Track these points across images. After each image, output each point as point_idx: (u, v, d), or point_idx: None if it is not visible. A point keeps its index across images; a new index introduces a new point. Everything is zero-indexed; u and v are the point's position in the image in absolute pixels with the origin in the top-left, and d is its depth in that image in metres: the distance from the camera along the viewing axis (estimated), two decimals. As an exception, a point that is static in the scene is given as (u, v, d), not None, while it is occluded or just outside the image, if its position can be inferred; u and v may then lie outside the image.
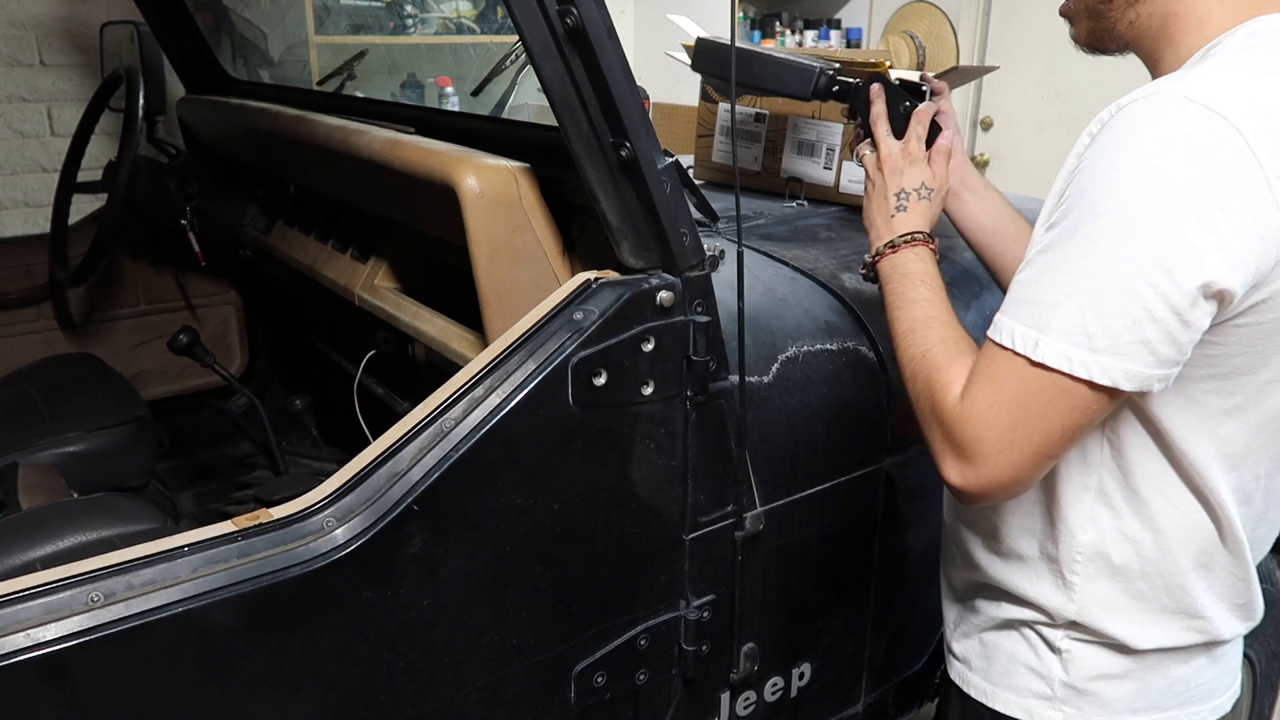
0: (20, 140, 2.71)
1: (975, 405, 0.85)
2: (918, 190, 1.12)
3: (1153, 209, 0.77)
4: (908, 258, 1.06)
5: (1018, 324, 0.83)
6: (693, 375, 1.11)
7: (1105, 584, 0.95)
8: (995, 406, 0.84)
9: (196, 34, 2.20)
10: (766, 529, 1.23)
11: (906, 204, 1.11)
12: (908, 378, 0.96)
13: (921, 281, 1.02)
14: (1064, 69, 4.14)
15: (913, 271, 1.04)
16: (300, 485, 1.07)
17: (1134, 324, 0.78)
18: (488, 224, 1.21)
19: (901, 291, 1.03)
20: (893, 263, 1.07)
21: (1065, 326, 0.80)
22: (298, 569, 0.90)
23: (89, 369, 2.11)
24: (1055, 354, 0.80)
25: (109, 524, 1.38)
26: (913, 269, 1.04)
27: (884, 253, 1.08)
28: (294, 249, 1.92)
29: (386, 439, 0.97)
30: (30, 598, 0.81)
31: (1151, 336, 0.78)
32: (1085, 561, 0.95)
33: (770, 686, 1.35)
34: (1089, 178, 0.81)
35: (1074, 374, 0.80)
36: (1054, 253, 0.82)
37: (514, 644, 1.07)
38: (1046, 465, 0.87)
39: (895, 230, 1.09)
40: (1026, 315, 0.82)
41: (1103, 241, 0.79)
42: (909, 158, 1.15)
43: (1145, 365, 0.79)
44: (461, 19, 4.12)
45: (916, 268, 1.04)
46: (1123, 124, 0.83)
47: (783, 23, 4.73)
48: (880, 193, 1.14)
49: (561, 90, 0.99)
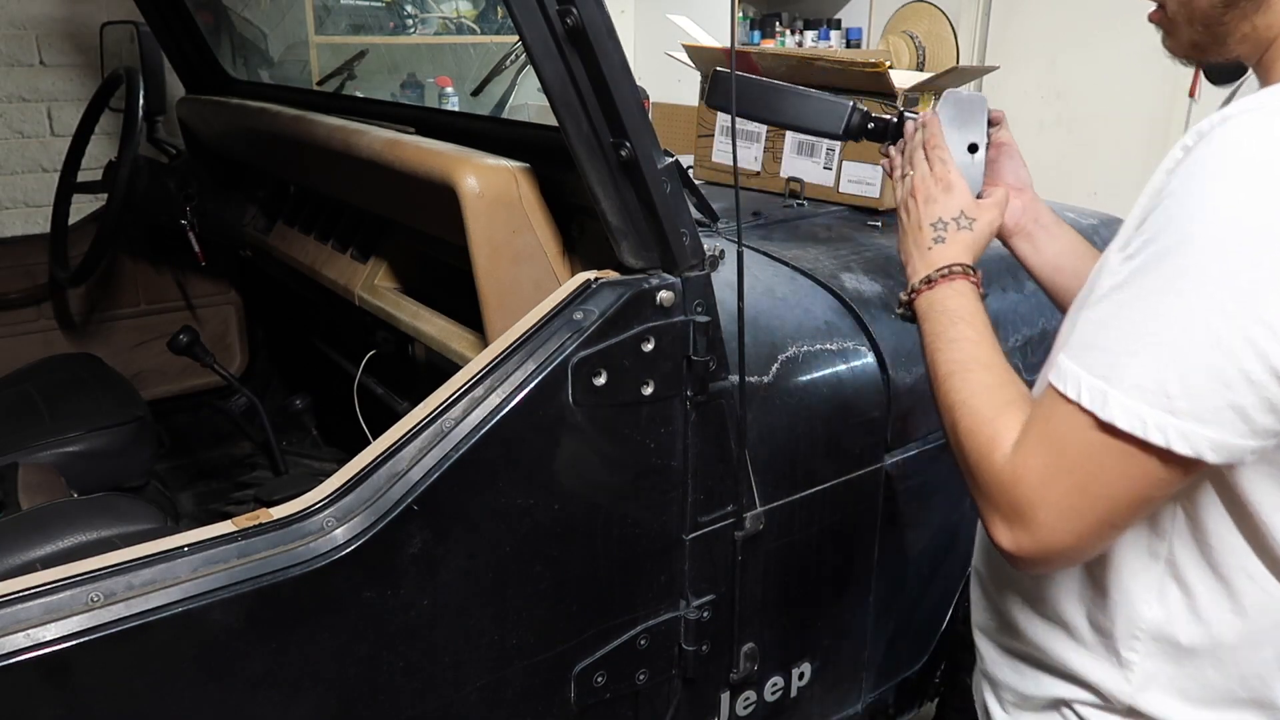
0: (20, 140, 2.71)
1: (1030, 463, 0.74)
2: (956, 219, 1.00)
3: (1254, 249, 0.65)
4: (945, 293, 0.95)
5: (1085, 372, 0.71)
6: (693, 375, 1.11)
7: (1168, 666, 0.83)
8: (1054, 467, 0.73)
9: (196, 34, 2.20)
10: (766, 529, 1.23)
11: (944, 234, 1.00)
12: (947, 426, 0.86)
13: (961, 319, 0.91)
14: (1064, 69, 4.14)
15: (951, 308, 0.93)
16: (300, 485, 1.06)
17: (1225, 386, 0.66)
18: (488, 224, 1.21)
19: (939, 331, 0.92)
20: (929, 299, 0.96)
21: (1141, 382, 0.68)
22: (298, 569, 0.90)
23: (89, 369, 2.11)
24: (1127, 414, 0.69)
25: (109, 524, 1.38)
26: (951, 305, 0.93)
27: (920, 289, 0.97)
28: (294, 249, 1.92)
29: (386, 439, 0.97)
30: (30, 598, 0.81)
31: (1245, 402, 0.66)
32: (1147, 640, 0.83)
33: (770, 686, 1.35)
34: (1178, 204, 0.69)
35: (1148, 439, 0.68)
36: (1132, 290, 0.70)
37: (514, 644, 1.07)
38: (1113, 535, 0.76)
39: (932, 264, 0.98)
40: (1096, 363, 0.71)
41: (1191, 284, 0.67)
42: (943, 183, 1.03)
43: (1236, 435, 0.67)
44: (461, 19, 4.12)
45: (955, 304, 0.93)
46: (1223, 142, 0.69)
47: (782, 23, 4.74)
48: (914, 223, 1.02)
49: (561, 90, 0.99)
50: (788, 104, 1.15)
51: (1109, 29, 3.95)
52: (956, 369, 0.88)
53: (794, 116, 1.16)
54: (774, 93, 1.15)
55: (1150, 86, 3.86)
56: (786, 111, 1.16)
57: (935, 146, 1.05)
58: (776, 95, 1.15)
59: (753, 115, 1.18)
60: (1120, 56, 3.95)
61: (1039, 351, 1.51)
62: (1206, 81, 3.79)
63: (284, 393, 2.51)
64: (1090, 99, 4.08)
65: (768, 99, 1.15)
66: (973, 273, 0.97)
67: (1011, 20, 4.31)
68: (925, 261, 0.99)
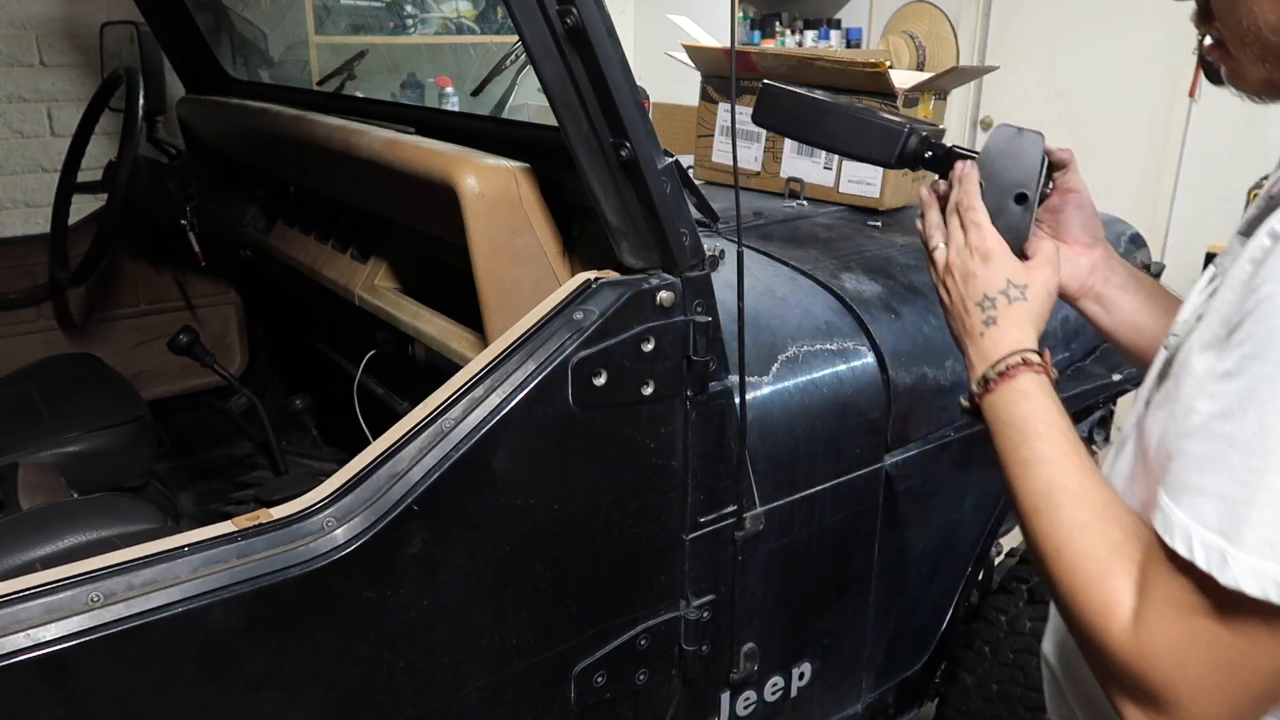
0: (20, 140, 2.71)
1: (1158, 640, 0.63)
2: (1005, 292, 0.86)
3: None
4: (1007, 398, 0.81)
5: (1196, 525, 0.61)
6: (693, 375, 1.11)
7: None
8: (1186, 642, 0.62)
9: (196, 34, 2.20)
10: (766, 529, 1.23)
11: (995, 313, 0.85)
12: (1041, 572, 0.74)
13: (1034, 432, 0.78)
14: (1064, 69, 4.14)
15: (1018, 418, 0.79)
16: (300, 485, 1.06)
17: None
18: (488, 224, 1.21)
19: (1009, 450, 0.79)
20: (992, 407, 0.82)
21: (1267, 536, 0.58)
22: (298, 569, 0.90)
23: (89, 369, 2.11)
24: (1256, 577, 0.58)
25: (109, 524, 1.38)
26: (1017, 414, 0.79)
27: (980, 394, 0.84)
28: (294, 249, 1.92)
29: (386, 439, 0.97)
30: (30, 598, 0.81)
31: None
32: None
33: (770, 686, 1.35)
34: (1277, 310, 0.59)
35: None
36: (1237, 422, 0.60)
37: (514, 644, 1.07)
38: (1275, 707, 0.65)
39: (988, 355, 0.84)
40: (1207, 513, 0.60)
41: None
42: (980, 253, 0.88)
43: None
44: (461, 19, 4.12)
45: (1021, 411, 0.79)
46: None
47: (783, 23, 4.74)
48: (958, 306, 0.89)
49: (561, 90, 0.99)
50: (838, 124, 1.03)
51: (1109, 29, 3.95)
52: (1041, 504, 0.74)
53: (843, 140, 1.04)
54: (823, 113, 1.04)
55: (1150, 86, 3.86)
56: (836, 134, 1.04)
57: (969, 208, 0.90)
58: (826, 114, 1.04)
59: (798, 136, 1.10)
60: (1120, 56, 3.95)
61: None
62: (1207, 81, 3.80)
63: (284, 393, 2.51)
64: (1090, 99, 4.08)
65: (817, 119, 1.04)
66: (1036, 357, 0.83)
67: (1011, 20, 4.31)
68: (979, 352, 0.85)
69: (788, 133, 1.10)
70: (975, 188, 0.91)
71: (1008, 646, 1.65)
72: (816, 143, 1.09)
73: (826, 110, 1.04)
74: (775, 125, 1.10)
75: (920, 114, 1.78)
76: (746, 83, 1.87)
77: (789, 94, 1.06)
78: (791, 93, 1.06)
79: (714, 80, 1.95)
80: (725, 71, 1.92)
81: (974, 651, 1.68)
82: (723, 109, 1.93)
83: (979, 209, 0.89)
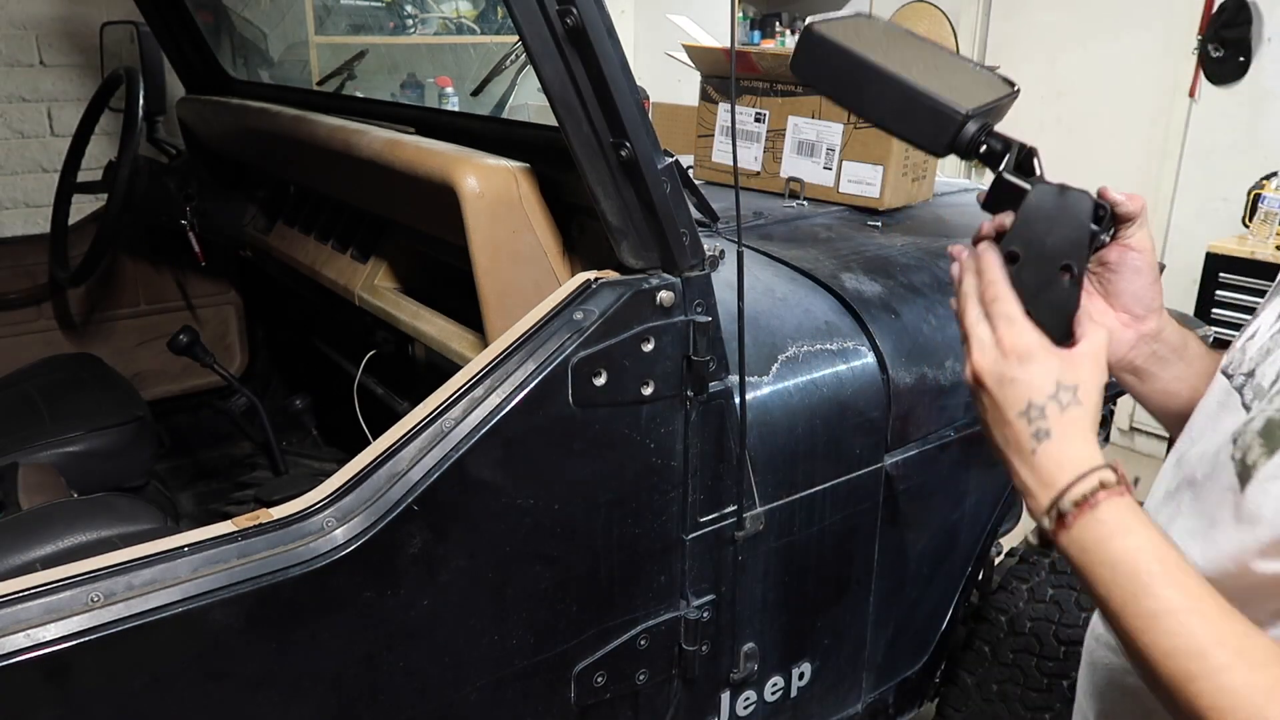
0: (20, 140, 2.71)
1: None
2: (1054, 397, 0.70)
3: None
4: (1097, 533, 0.66)
5: None
6: (693, 375, 1.11)
7: None
8: None
9: (196, 34, 2.20)
10: (766, 529, 1.23)
11: (1046, 425, 0.70)
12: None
13: (1153, 576, 0.64)
14: (1064, 69, 4.14)
15: (1122, 559, 0.65)
16: (300, 485, 1.07)
17: None
18: (488, 224, 1.21)
19: (1127, 601, 0.65)
20: (1079, 545, 0.67)
21: None
22: (298, 569, 0.90)
23: (89, 369, 2.11)
24: None
25: (109, 524, 1.38)
26: (1119, 554, 0.65)
27: (1054, 530, 0.69)
28: (294, 249, 1.92)
29: (386, 439, 0.97)
30: (30, 598, 0.81)
31: None
32: None
33: (770, 686, 1.35)
34: None
35: None
36: None
37: (514, 644, 1.07)
38: None
39: (1052, 480, 0.69)
40: None
41: None
42: (1015, 354, 0.72)
43: None
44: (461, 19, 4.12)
45: (1125, 549, 0.65)
46: None
47: (783, 23, 4.74)
48: (998, 418, 0.73)
49: (561, 90, 0.99)
50: (884, 95, 0.86)
51: (1109, 29, 3.95)
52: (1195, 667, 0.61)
53: (889, 115, 0.87)
54: (871, 78, 0.86)
55: (1150, 86, 3.86)
56: (881, 106, 0.87)
57: (995, 299, 0.74)
58: (874, 82, 0.86)
59: (838, 99, 0.93)
60: (1120, 56, 3.95)
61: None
62: (1206, 81, 3.79)
63: (284, 393, 2.51)
64: (1090, 99, 4.08)
65: (862, 84, 0.87)
66: (1113, 475, 0.68)
67: (1011, 20, 4.31)
68: (1038, 476, 0.70)
69: (827, 93, 0.92)
70: (999, 274, 0.75)
71: (1008, 646, 1.65)
72: (858, 111, 0.92)
73: (872, 76, 0.86)
74: (814, 82, 0.93)
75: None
76: (746, 83, 1.87)
77: (835, 48, 0.87)
78: (838, 47, 0.87)
79: (714, 80, 1.95)
80: (725, 71, 1.92)
81: (974, 651, 1.68)
82: (723, 109, 1.93)
83: (1006, 298, 0.73)
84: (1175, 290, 3.62)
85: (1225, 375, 0.76)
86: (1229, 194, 3.65)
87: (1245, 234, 3.46)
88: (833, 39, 0.86)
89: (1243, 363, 0.75)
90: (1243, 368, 0.74)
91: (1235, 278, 3.32)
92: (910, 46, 0.92)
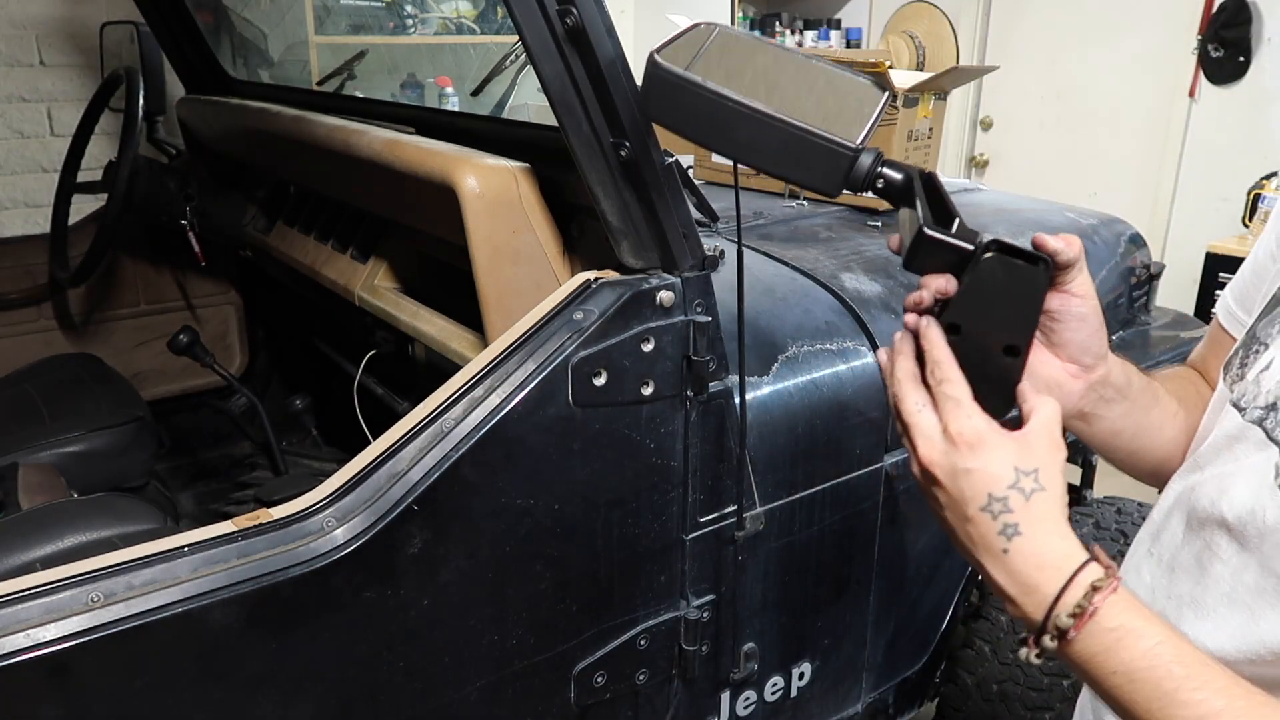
0: (20, 140, 2.71)
1: None
2: (1016, 486, 0.65)
3: None
4: (1104, 642, 0.61)
5: None
6: (693, 375, 1.11)
7: None
8: None
9: (196, 34, 2.20)
10: (766, 529, 1.23)
11: (1013, 520, 0.64)
12: None
13: (1179, 681, 0.59)
14: (1064, 69, 4.14)
15: (1138, 667, 0.60)
16: (300, 485, 1.07)
17: None
18: (488, 224, 1.21)
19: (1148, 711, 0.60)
20: (1087, 658, 0.62)
21: None
22: (298, 569, 0.90)
23: (89, 369, 2.11)
24: None
25: (109, 524, 1.38)
26: (1134, 661, 0.61)
27: (1049, 648, 0.63)
28: (294, 249, 1.92)
29: (386, 439, 0.97)
30: (30, 598, 0.81)
31: None
32: None
33: (770, 686, 1.35)
34: None
35: None
36: None
37: (514, 644, 1.07)
38: None
39: (1034, 587, 0.63)
40: None
41: None
42: (966, 443, 0.66)
43: None
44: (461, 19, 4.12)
45: (1140, 655, 0.60)
46: None
47: (783, 23, 4.75)
48: (956, 515, 0.67)
49: (561, 90, 0.99)
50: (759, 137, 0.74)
51: (1109, 29, 3.95)
52: None
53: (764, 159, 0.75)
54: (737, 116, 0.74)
55: (1150, 86, 3.86)
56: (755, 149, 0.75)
57: (943, 380, 0.68)
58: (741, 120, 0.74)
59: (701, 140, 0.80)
60: (1120, 56, 3.95)
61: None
62: (1206, 81, 3.80)
63: (284, 393, 2.51)
64: (1090, 99, 4.08)
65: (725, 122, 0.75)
66: (1101, 571, 0.63)
67: (1011, 20, 4.31)
68: (1017, 583, 0.64)
69: (691, 137, 0.78)
70: (946, 353, 0.69)
71: (1008, 646, 1.65)
72: (731, 154, 0.79)
73: (739, 115, 0.74)
74: (672, 126, 0.79)
75: (920, 114, 1.78)
76: (746, 83, 1.87)
77: (688, 85, 0.74)
78: (692, 83, 0.74)
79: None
80: (725, 71, 1.91)
81: (974, 651, 1.68)
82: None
83: (955, 379, 0.68)
84: (1175, 290, 3.62)
85: (1236, 407, 0.73)
86: (1229, 194, 3.66)
87: (1245, 234, 3.46)
88: (682, 74, 0.75)
89: (1258, 395, 0.72)
90: (1259, 400, 0.72)
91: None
92: (758, 56, 0.81)
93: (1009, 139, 4.45)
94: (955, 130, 4.52)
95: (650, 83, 0.76)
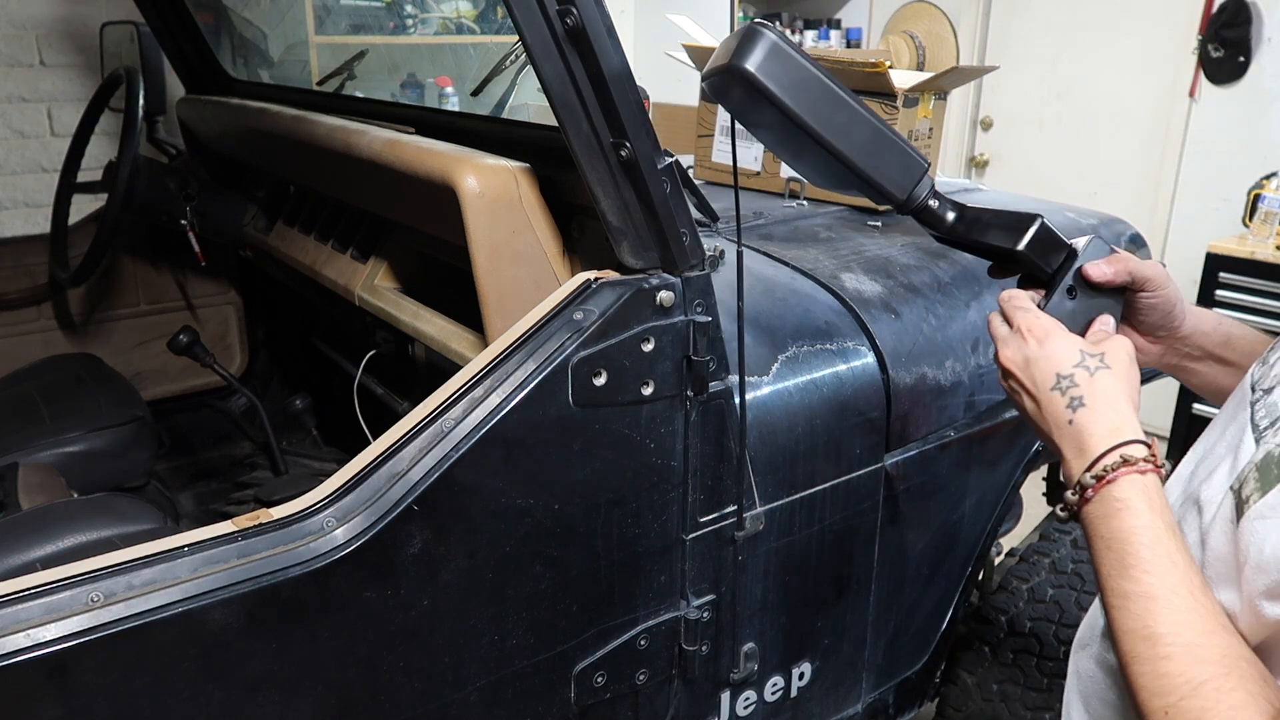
0: (20, 140, 2.71)
1: None
2: (1081, 365, 0.74)
3: None
4: (1106, 508, 0.68)
5: None
6: (693, 375, 1.11)
7: None
8: None
9: (196, 34, 2.20)
10: (766, 529, 1.23)
11: (1079, 391, 0.72)
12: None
13: (1136, 559, 0.65)
14: (1064, 69, 4.14)
15: (1117, 535, 0.67)
16: (300, 485, 1.07)
17: None
18: (488, 224, 1.21)
19: (1109, 577, 0.67)
20: (1089, 519, 0.69)
21: None
22: (298, 569, 0.90)
23: (89, 369, 2.11)
24: None
25: (109, 524, 1.38)
26: (1116, 530, 0.67)
27: (1071, 500, 0.71)
28: (294, 249, 1.92)
29: (386, 439, 0.97)
30: (30, 598, 0.81)
31: None
32: None
33: (770, 686, 1.35)
34: None
35: None
36: None
37: (514, 644, 1.07)
38: None
39: (1084, 450, 0.71)
40: None
41: None
42: (1034, 335, 0.77)
43: None
44: (461, 19, 4.12)
45: (1122, 527, 0.66)
46: None
47: (782, 23, 4.74)
48: (1034, 400, 0.75)
49: (561, 90, 0.99)
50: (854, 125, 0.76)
51: (1109, 29, 3.95)
52: (1143, 650, 0.63)
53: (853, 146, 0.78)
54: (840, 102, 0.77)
55: (1150, 86, 3.86)
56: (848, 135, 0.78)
57: (1011, 297, 0.83)
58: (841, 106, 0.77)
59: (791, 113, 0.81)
60: (1120, 56, 3.95)
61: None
62: (1206, 81, 3.79)
63: (284, 393, 2.51)
64: (1090, 99, 4.08)
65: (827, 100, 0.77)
66: (1142, 450, 0.69)
67: (1011, 20, 4.31)
68: (1074, 445, 0.71)
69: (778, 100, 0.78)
70: (1021, 292, 0.84)
71: (1008, 646, 1.65)
72: (816, 128, 0.80)
73: (841, 102, 0.77)
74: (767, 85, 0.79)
75: (920, 114, 1.78)
76: (746, 83, 1.87)
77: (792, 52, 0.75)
78: (797, 50, 0.76)
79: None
80: (725, 71, 1.91)
81: (974, 651, 1.68)
82: (723, 109, 1.92)
83: (1021, 298, 0.81)
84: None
85: (1250, 387, 0.75)
86: (1229, 194, 3.65)
87: (1245, 234, 3.46)
88: (796, 47, 0.80)
89: (1265, 378, 0.73)
90: (1264, 383, 0.73)
91: (1235, 278, 3.32)
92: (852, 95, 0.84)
93: (1009, 139, 4.45)
94: (955, 130, 4.52)
95: (753, 40, 0.78)
